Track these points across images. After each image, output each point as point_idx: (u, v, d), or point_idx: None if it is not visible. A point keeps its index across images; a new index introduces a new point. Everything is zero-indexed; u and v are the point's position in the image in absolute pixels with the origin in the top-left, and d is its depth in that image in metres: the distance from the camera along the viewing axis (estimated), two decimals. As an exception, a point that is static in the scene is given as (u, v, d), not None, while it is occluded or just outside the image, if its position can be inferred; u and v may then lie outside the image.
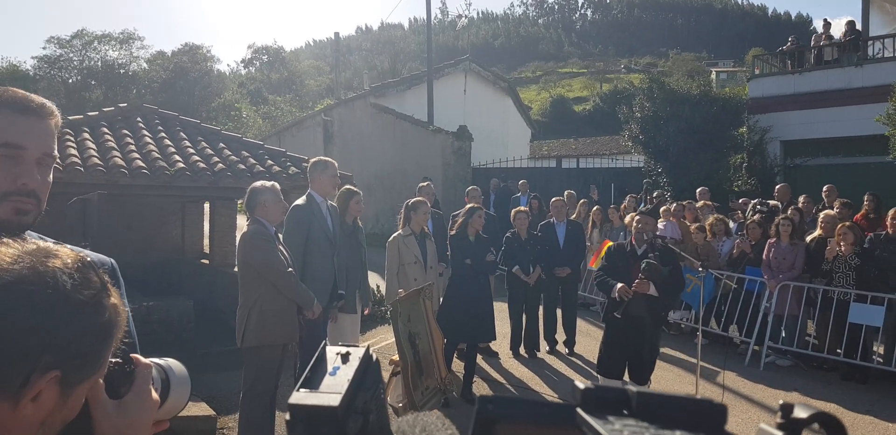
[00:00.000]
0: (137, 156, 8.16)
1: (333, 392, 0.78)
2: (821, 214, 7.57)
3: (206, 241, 11.46)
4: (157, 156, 8.27)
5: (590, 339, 7.68)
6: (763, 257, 7.32)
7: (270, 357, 4.37)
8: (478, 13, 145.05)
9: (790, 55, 15.69)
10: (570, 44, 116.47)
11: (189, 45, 44.15)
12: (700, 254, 7.61)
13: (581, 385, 0.55)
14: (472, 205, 6.39)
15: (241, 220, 9.69)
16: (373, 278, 6.44)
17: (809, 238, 7.33)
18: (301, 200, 5.12)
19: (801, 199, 8.97)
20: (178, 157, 8.40)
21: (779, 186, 9.93)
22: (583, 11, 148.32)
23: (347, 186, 5.85)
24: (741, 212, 9.54)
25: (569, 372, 6.76)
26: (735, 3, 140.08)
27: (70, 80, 42.58)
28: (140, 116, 9.64)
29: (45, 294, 0.84)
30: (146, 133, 9.03)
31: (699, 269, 6.09)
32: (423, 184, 7.76)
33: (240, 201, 10.22)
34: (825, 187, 9.20)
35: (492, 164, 16.15)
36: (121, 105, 10.21)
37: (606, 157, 19.03)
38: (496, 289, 7.58)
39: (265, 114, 37.71)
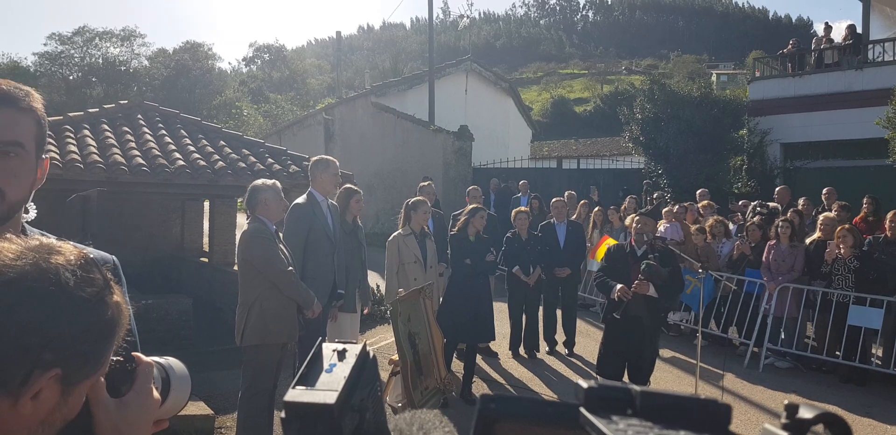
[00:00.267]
0: (138, 153, 8.15)
1: (329, 390, 0.77)
2: (820, 217, 7.57)
3: (206, 239, 11.46)
4: (158, 153, 8.26)
5: (589, 340, 7.68)
6: (763, 259, 7.32)
7: (269, 356, 4.37)
8: (479, 13, 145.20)
9: (791, 58, 15.69)
10: (572, 45, 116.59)
11: (190, 42, 44.13)
12: (700, 255, 7.60)
13: (585, 384, 0.54)
14: (475, 205, 6.39)
15: (241, 218, 9.69)
16: (372, 278, 6.43)
17: (809, 240, 7.33)
18: (302, 199, 5.11)
19: (801, 201, 8.97)
20: (179, 154, 8.39)
21: (779, 189, 9.94)
22: (584, 13, 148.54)
23: (348, 185, 5.84)
24: (741, 214, 9.54)
25: (568, 373, 6.76)
26: (736, 5, 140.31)
27: (71, 76, 42.56)
28: (141, 114, 9.63)
29: (48, 291, 0.84)
30: (147, 130, 9.02)
31: (699, 270, 6.08)
32: (424, 183, 7.75)
33: (240, 199, 10.22)
34: (825, 190, 9.20)
35: (492, 164, 16.15)
36: (122, 102, 10.20)
37: (607, 158, 19.03)
38: (496, 289, 7.57)
39: (266, 112, 37.72)
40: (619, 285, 5.06)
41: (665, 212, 8.59)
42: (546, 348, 7.45)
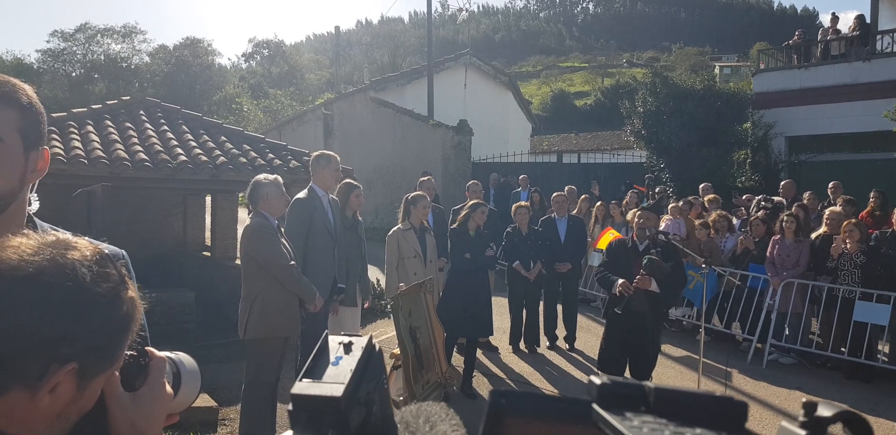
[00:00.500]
0: (140, 148, 8.17)
1: (336, 382, 0.76)
2: (826, 211, 7.45)
3: (208, 233, 11.46)
4: (160, 149, 8.27)
5: (590, 335, 7.67)
6: (767, 254, 7.25)
7: (272, 349, 4.40)
8: (478, 7, 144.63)
9: (796, 49, 15.52)
10: (572, 38, 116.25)
11: (190, 38, 44.15)
12: (703, 250, 7.55)
13: (597, 380, 0.53)
14: (476, 201, 6.38)
15: (243, 213, 9.69)
16: (372, 272, 6.43)
17: (815, 235, 7.23)
18: (303, 194, 5.11)
19: (806, 195, 8.90)
20: (181, 150, 8.40)
21: (784, 183, 9.87)
22: (584, 5, 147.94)
23: (347, 180, 5.84)
24: (745, 208, 9.49)
25: (569, 368, 6.74)
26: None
27: (73, 73, 42.63)
28: (143, 109, 9.63)
29: (65, 287, 0.85)
30: (149, 126, 9.03)
31: (702, 265, 6.06)
32: (424, 178, 7.73)
33: (241, 194, 10.21)
34: (831, 184, 9.11)
35: (492, 158, 16.11)
36: (124, 98, 10.19)
37: (608, 152, 18.99)
38: (497, 284, 7.56)
39: (266, 108, 37.66)
40: (621, 280, 5.03)
41: (671, 208, 8.55)
42: (547, 343, 7.44)
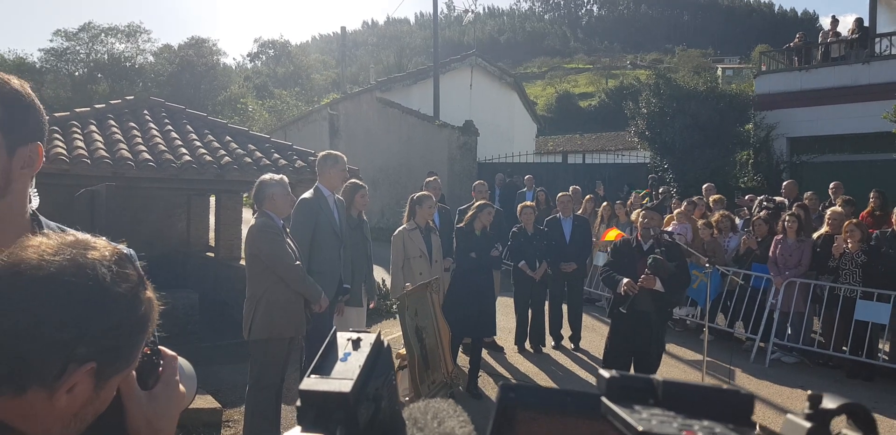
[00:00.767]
0: (144, 148, 8.17)
1: (345, 378, 0.77)
2: (828, 211, 7.51)
3: (212, 234, 11.48)
4: (164, 148, 8.28)
5: (595, 334, 7.68)
6: (769, 254, 7.29)
7: (277, 350, 4.39)
8: (484, 8, 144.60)
9: (797, 52, 15.59)
10: (576, 39, 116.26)
11: (195, 38, 44.12)
12: (706, 250, 7.57)
13: (607, 374, 0.54)
14: (483, 201, 6.40)
15: (247, 213, 9.70)
16: (378, 272, 6.43)
17: (816, 235, 7.28)
18: (308, 194, 5.10)
19: (807, 195, 8.94)
20: (185, 150, 8.40)
21: (786, 183, 9.89)
22: (589, 7, 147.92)
23: (353, 180, 5.83)
24: (747, 208, 9.51)
25: (574, 367, 6.75)
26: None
27: (77, 72, 42.64)
28: (147, 109, 9.64)
29: (86, 286, 0.85)
30: (153, 126, 9.03)
31: (705, 265, 6.07)
32: (430, 178, 7.75)
33: (245, 194, 10.23)
34: (832, 184, 9.16)
35: (498, 159, 16.11)
36: (128, 98, 10.21)
37: (612, 152, 18.98)
38: (502, 284, 7.57)
39: (271, 108, 37.68)
40: (626, 279, 5.04)
41: (676, 212, 8.56)
42: (552, 343, 7.45)
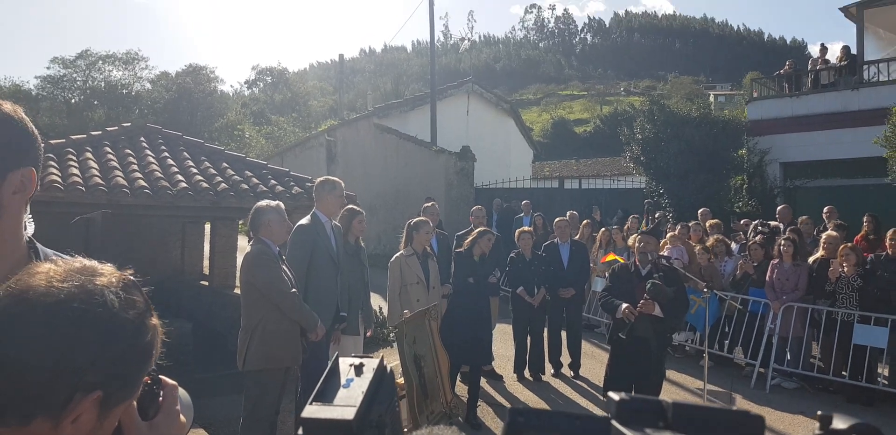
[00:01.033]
0: (140, 175, 8.17)
1: (348, 405, 0.76)
2: (823, 235, 7.57)
3: (206, 262, 11.42)
4: (160, 175, 8.28)
5: (595, 361, 7.60)
6: (766, 278, 7.29)
7: (272, 381, 4.30)
8: (480, 36, 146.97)
9: (787, 79, 15.84)
10: (571, 67, 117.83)
11: (193, 65, 44.59)
12: (704, 275, 7.57)
13: (616, 397, 0.54)
14: (484, 228, 6.42)
15: (242, 240, 9.67)
16: (375, 299, 6.38)
17: (812, 259, 7.31)
18: (305, 220, 5.08)
19: (801, 219, 9.00)
20: (181, 176, 8.41)
21: (780, 208, 9.95)
22: (583, 35, 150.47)
23: (350, 206, 5.83)
24: (743, 233, 9.54)
25: (574, 395, 6.67)
26: (731, 27, 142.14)
27: (73, 100, 42.89)
28: (143, 136, 9.67)
29: (95, 313, 0.84)
30: (149, 153, 9.05)
31: (703, 290, 6.06)
32: (427, 204, 7.75)
33: (241, 221, 10.22)
34: (825, 208, 9.22)
35: (495, 184, 16.18)
36: (125, 124, 10.26)
37: (608, 178, 19.08)
38: (501, 310, 7.51)
39: (268, 134, 37.90)
40: (625, 305, 5.02)
41: (669, 236, 8.57)
42: (551, 371, 7.36)
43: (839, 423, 0.50)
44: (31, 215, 1.28)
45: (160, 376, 1.00)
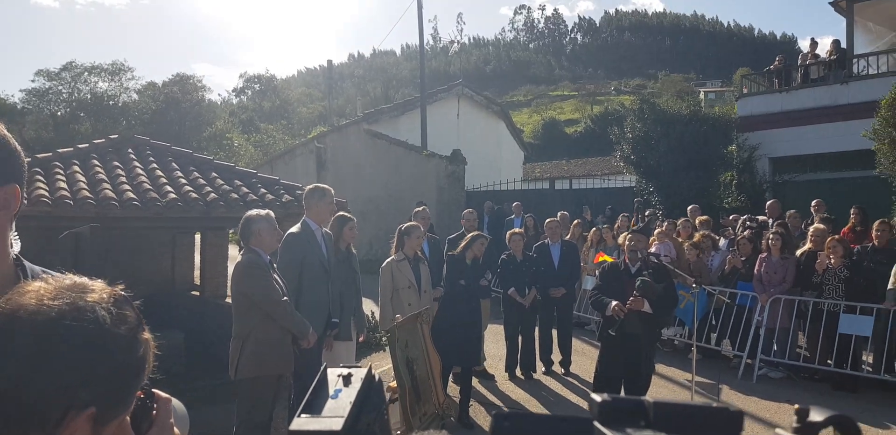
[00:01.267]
0: (128, 187, 8.12)
1: (336, 416, 0.76)
2: (811, 228, 7.68)
3: (197, 272, 11.37)
4: (149, 187, 8.23)
5: (585, 358, 7.66)
6: (754, 272, 7.39)
7: (265, 389, 4.29)
8: (469, 39, 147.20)
9: (777, 74, 15.93)
10: (561, 67, 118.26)
11: (180, 75, 44.49)
12: (693, 270, 7.65)
13: (598, 398, 0.54)
14: (478, 233, 6.47)
15: (233, 250, 9.63)
16: (367, 304, 6.39)
17: (800, 252, 7.42)
18: (296, 228, 5.07)
19: (789, 213, 9.08)
20: (170, 187, 8.37)
21: (769, 203, 10.02)
22: (573, 35, 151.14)
23: (341, 213, 5.82)
24: (731, 228, 9.60)
25: (565, 393, 6.72)
26: (721, 24, 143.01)
27: (59, 112, 42.71)
28: (131, 148, 9.62)
29: (87, 329, 0.84)
30: (137, 164, 9.00)
31: (692, 285, 6.11)
32: (419, 208, 7.76)
33: (232, 231, 10.19)
34: (814, 202, 9.31)
35: (486, 187, 16.20)
36: (112, 136, 10.19)
37: (598, 177, 19.15)
38: (492, 312, 7.54)
39: (257, 142, 37.85)
40: (614, 302, 5.06)
41: (657, 232, 8.63)
42: (542, 369, 7.40)
43: (816, 415, 0.50)
44: (17, 233, 1.27)
45: (153, 390, 0.99)
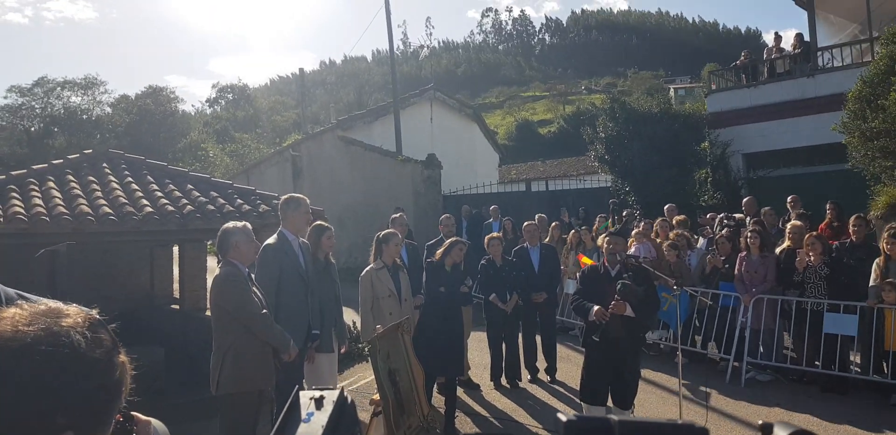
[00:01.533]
0: (104, 202, 8.04)
1: (308, 440, 0.76)
2: (788, 226, 7.64)
3: (176, 285, 11.25)
4: (125, 201, 8.15)
5: (571, 365, 7.60)
6: (735, 271, 7.35)
7: (246, 404, 4.25)
8: (439, 42, 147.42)
9: (744, 69, 16.04)
10: (531, 68, 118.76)
11: (153, 87, 44.04)
12: (673, 272, 7.63)
13: (563, 417, 0.54)
14: (456, 238, 6.42)
15: (212, 262, 9.55)
16: (348, 314, 6.34)
17: (779, 250, 7.38)
18: (272, 239, 5.03)
19: (764, 210, 9.10)
20: (146, 201, 8.29)
21: (746, 200, 10.06)
22: (541, 36, 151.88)
23: (318, 222, 5.79)
24: (710, 227, 9.64)
25: (552, 401, 6.65)
26: (687, 20, 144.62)
27: (32, 128, 42.03)
28: (106, 162, 9.52)
29: (62, 354, 0.85)
30: (113, 179, 8.91)
31: (674, 287, 6.11)
32: (396, 215, 7.73)
33: (210, 242, 10.10)
34: (789, 198, 9.34)
35: (462, 190, 16.21)
36: (86, 151, 10.07)
37: (574, 178, 19.25)
38: (474, 318, 7.50)
39: (232, 152, 37.52)
40: (596, 307, 5.04)
41: (634, 233, 8.65)
42: (528, 376, 7.35)
43: (780, 431, 0.51)
44: None
45: (132, 413, 1.00)
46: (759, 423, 0.55)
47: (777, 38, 16.33)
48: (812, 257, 6.72)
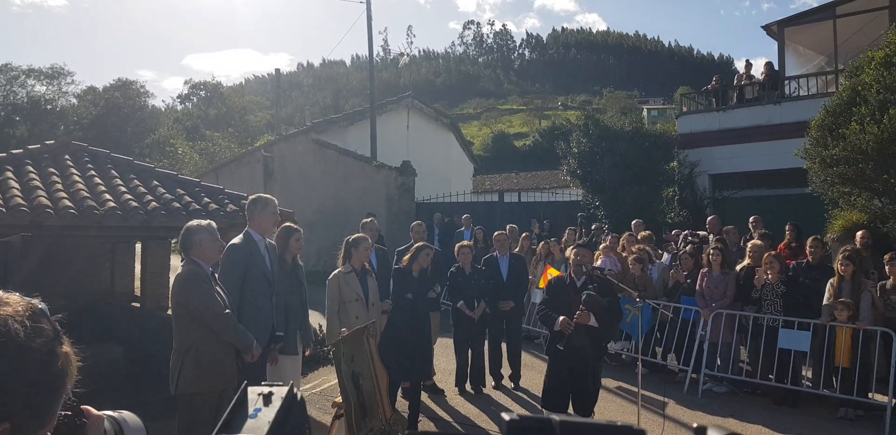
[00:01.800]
0: (65, 195, 7.84)
1: (253, 436, 0.75)
2: (749, 244, 7.90)
3: (138, 283, 11.03)
4: (86, 195, 7.97)
5: (535, 372, 7.68)
6: (696, 287, 7.56)
7: (206, 404, 4.18)
8: (419, 51, 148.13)
9: (715, 94, 16.53)
10: (510, 81, 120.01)
11: (122, 80, 43.32)
12: (637, 285, 7.79)
13: (507, 417, 0.55)
14: (423, 243, 6.40)
15: (175, 260, 9.38)
16: (314, 317, 6.29)
17: (739, 267, 7.62)
18: (238, 239, 4.97)
19: (726, 229, 9.37)
20: (109, 196, 8.12)
21: (710, 218, 10.32)
22: (521, 51, 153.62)
23: (287, 224, 5.74)
24: (674, 243, 9.84)
25: (515, 407, 6.72)
26: (663, 44, 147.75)
27: (-7, 116, 41.00)
28: (68, 154, 9.30)
29: None
30: (74, 171, 8.70)
31: (636, 299, 6.22)
32: (367, 220, 7.71)
33: (174, 241, 9.93)
34: (751, 218, 9.62)
35: (436, 198, 16.24)
36: (48, 142, 9.83)
37: (547, 191, 19.43)
38: (441, 324, 7.52)
39: (202, 150, 37.01)
40: (561, 317, 5.12)
41: (602, 247, 8.79)
42: (492, 383, 7.41)
43: (713, 433, 0.53)
44: None
45: (84, 407, 0.97)
46: (694, 425, 0.56)
47: (748, 65, 16.81)
48: (770, 275, 6.96)
